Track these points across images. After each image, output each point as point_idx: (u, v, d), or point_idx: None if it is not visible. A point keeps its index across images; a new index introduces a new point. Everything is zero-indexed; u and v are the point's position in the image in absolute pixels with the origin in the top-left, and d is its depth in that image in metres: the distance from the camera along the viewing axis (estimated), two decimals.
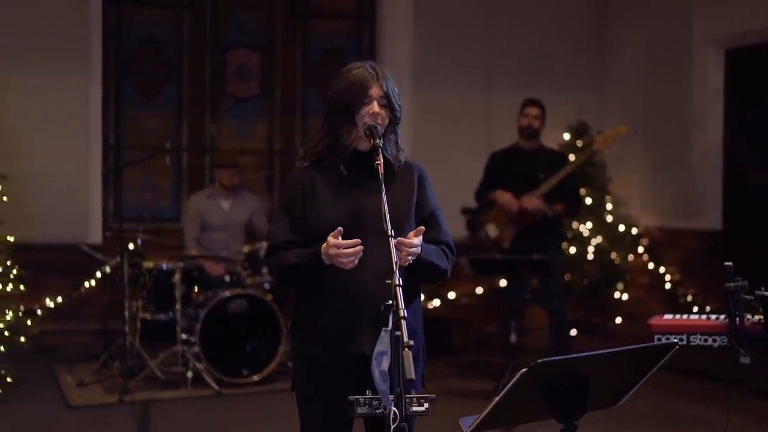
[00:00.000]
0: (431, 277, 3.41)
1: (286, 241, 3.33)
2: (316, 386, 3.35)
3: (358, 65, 3.39)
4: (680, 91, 9.76)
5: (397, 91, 3.38)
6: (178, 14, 9.87)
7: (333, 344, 3.27)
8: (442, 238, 3.43)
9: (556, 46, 10.63)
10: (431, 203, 3.45)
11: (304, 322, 3.39)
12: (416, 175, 3.44)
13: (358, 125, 3.32)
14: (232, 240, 8.22)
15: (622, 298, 10.25)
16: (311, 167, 3.39)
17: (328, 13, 10.35)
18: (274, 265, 3.37)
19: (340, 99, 3.35)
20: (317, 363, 3.33)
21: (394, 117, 3.37)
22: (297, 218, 3.33)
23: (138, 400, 7.04)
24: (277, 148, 10.15)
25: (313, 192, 3.32)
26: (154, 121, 9.84)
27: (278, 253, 3.33)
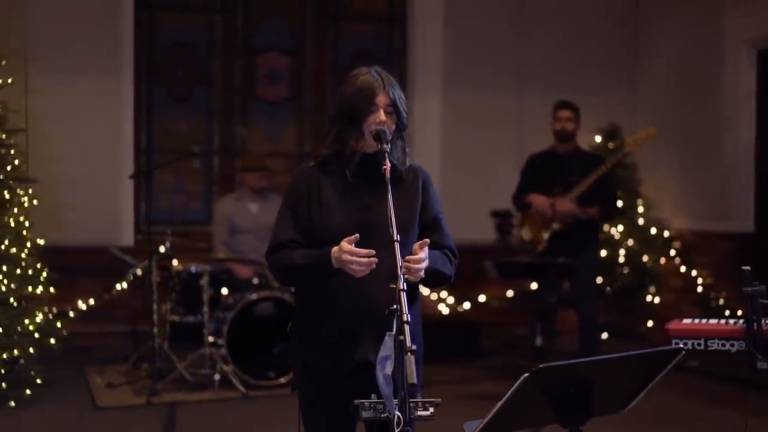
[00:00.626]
0: (435, 283, 3.39)
1: (289, 240, 3.32)
2: (319, 391, 3.34)
3: (365, 71, 3.39)
4: (712, 92, 9.67)
5: (403, 98, 3.38)
6: (210, 18, 9.93)
7: (337, 350, 3.26)
8: (445, 242, 3.44)
9: (588, 47, 10.57)
10: (434, 207, 3.45)
11: (306, 326, 3.38)
12: (420, 179, 3.44)
13: (365, 133, 3.32)
14: (260, 242, 8.23)
15: (654, 301, 10.18)
16: (317, 168, 3.39)
17: (358, 15, 10.36)
18: (276, 263, 3.35)
19: (347, 105, 3.35)
20: (320, 368, 3.32)
21: (401, 123, 3.37)
22: (302, 218, 3.33)
23: (165, 402, 7.09)
24: (307, 151, 10.16)
25: (320, 194, 3.32)
26: (185, 125, 9.90)
27: (281, 252, 3.32)
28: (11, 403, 6.88)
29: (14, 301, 6.94)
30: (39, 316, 7.17)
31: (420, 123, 10.12)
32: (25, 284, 7.07)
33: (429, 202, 3.44)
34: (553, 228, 7.55)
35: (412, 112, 10.02)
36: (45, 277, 7.30)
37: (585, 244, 7.61)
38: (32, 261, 7.21)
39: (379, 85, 3.34)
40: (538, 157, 7.92)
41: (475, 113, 10.22)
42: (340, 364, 3.26)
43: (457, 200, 8.70)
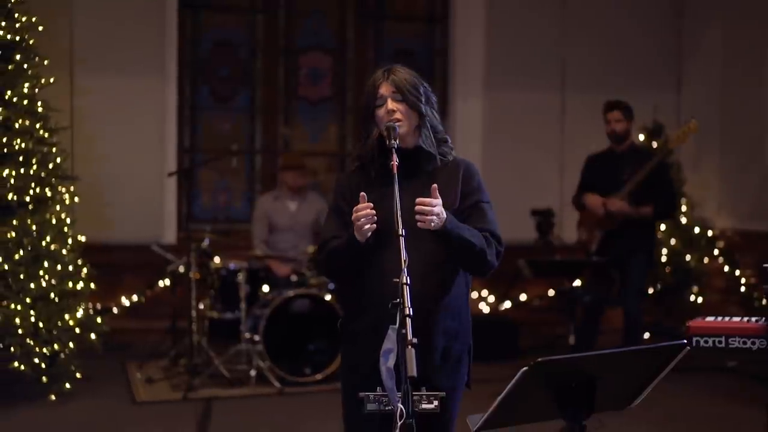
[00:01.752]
0: (471, 259, 3.31)
1: (332, 237, 3.41)
2: (354, 385, 3.38)
3: (376, 71, 3.46)
4: (757, 91, 9.56)
5: (416, 85, 3.40)
6: (252, 18, 10.01)
7: (366, 345, 3.29)
8: (487, 226, 3.38)
9: (630, 46, 10.50)
10: (477, 195, 3.43)
11: (347, 326, 3.49)
12: (462, 170, 3.45)
13: (379, 126, 3.37)
14: (298, 240, 8.32)
15: (696, 301, 10.09)
16: (357, 170, 3.50)
17: (400, 14, 10.39)
18: (321, 257, 3.47)
19: (363, 106, 3.45)
20: (359, 361, 3.39)
21: (419, 110, 3.38)
22: (345, 215, 3.39)
23: (201, 397, 7.16)
24: (349, 151, 10.21)
25: (355, 192, 3.36)
26: (227, 124, 10.00)
27: (325, 247, 3.43)
28: (51, 397, 7.01)
29: (55, 297, 7.05)
30: (80, 312, 7.29)
31: (461, 122, 10.14)
32: (65, 280, 7.19)
33: (470, 188, 3.43)
34: (607, 228, 7.50)
35: (453, 111, 10.15)
36: (86, 273, 7.43)
37: (637, 243, 7.52)
38: (73, 257, 7.32)
39: (382, 76, 3.40)
40: (596, 157, 7.86)
41: (516, 113, 10.20)
42: (370, 356, 3.28)
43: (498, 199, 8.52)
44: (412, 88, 3.38)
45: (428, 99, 3.45)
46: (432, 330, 3.33)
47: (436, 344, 3.35)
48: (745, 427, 6.57)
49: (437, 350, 3.35)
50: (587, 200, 7.60)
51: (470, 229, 3.32)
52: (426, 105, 3.42)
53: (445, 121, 10.28)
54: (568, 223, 9.04)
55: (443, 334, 3.37)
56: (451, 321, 3.38)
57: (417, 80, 3.43)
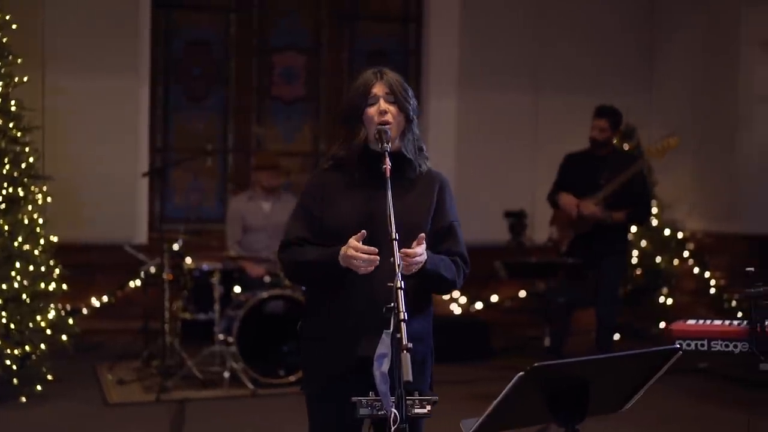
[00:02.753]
0: (439, 288, 3.40)
1: (297, 237, 3.37)
2: (325, 388, 3.37)
3: (366, 71, 3.44)
4: (727, 93, 9.65)
5: (407, 89, 3.40)
6: (225, 17, 9.96)
7: (342, 348, 3.28)
8: (457, 249, 3.44)
9: (603, 47, 10.55)
10: (450, 214, 3.45)
11: (314, 324, 3.42)
12: (437, 185, 3.44)
13: (367, 126, 3.35)
14: (272, 241, 8.26)
15: (666, 303, 10.16)
16: (332, 169, 3.44)
17: (374, 15, 10.37)
18: (287, 260, 3.42)
19: (349, 104, 3.41)
20: (326, 366, 3.35)
21: (407, 114, 3.38)
22: (314, 217, 3.37)
23: (174, 399, 7.11)
24: (323, 150, 10.18)
25: (331, 193, 3.36)
26: (201, 124, 9.94)
27: (292, 249, 3.38)
28: (22, 399, 6.93)
29: (27, 298, 6.97)
30: (51, 313, 7.22)
31: (435, 123, 10.14)
32: (37, 281, 7.11)
33: (444, 208, 3.44)
34: (579, 230, 7.52)
35: (427, 112, 10.17)
36: (58, 273, 7.35)
37: (610, 247, 7.54)
38: (45, 258, 7.25)
39: (375, 77, 3.38)
40: (575, 156, 7.84)
41: (489, 113, 10.22)
42: (344, 362, 3.28)
43: (471, 200, 8.67)
44: (404, 91, 3.38)
45: (413, 105, 3.44)
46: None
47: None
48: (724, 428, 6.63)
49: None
50: (562, 200, 7.60)
51: (445, 262, 3.36)
52: (413, 110, 3.42)
53: (420, 120, 10.25)
54: (540, 224, 9.06)
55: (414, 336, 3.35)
56: (416, 324, 3.36)
57: (405, 84, 3.42)
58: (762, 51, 9.33)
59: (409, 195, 3.33)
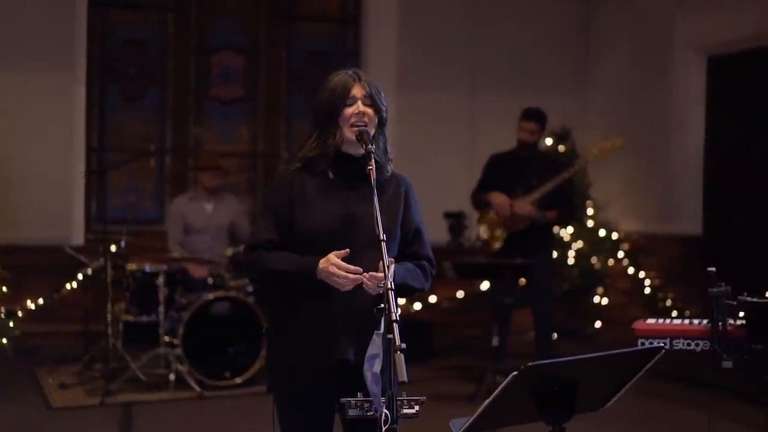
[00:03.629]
0: (406, 294, 3.44)
1: (266, 240, 3.32)
2: (298, 391, 3.34)
3: (341, 72, 3.43)
4: (662, 97, 9.82)
5: (381, 93, 3.41)
6: (163, 16, 9.86)
7: (317, 350, 3.26)
8: (424, 252, 3.48)
9: (540, 50, 10.68)
10: (415, 218, 3.48)
11: (286, 327, 3.38)
12: (403, 189, 3.46)
13: (342, 128, 3.34)
14: (214, 242, 8.25)
15: (601, 302, 10.31)
16: (301, 169, 3.39)
17: (312, 16, 10.36)
18: (254, 265, 3.34)
19: (324, 104, 3.37)
20: (300, 368, 3.31)
21: (380, 117, 3.39)
22: (282, 218, 3.33)
23: (120, 402, 7.04)
24: (261, 151, 10.15)
25: (303, 194, 3.33)
26: (137, 124, 9.83)
27: (258, 253, 3.32)
28: None
29: None
30: None
31: None
32: None
33: (411, 212, 3.46)
34: (512, 229, 7.61)
35: None
36: None
37: (540, 246, 7.69)
38: None
39: (353, 79, 3.38)
40: (500, 157, 7.94)
41: (428, 114, 10.27)
42: (320, 364, 3.26)
43: None
44: (380, 94, 3.39)
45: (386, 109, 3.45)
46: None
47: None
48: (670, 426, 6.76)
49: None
50: (494, 199, 7.67)
51: (411, 271, 3.39)
52: (385, 114, 3.43)
53: None
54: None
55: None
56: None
57: (380, 87, 3.43)
58: (695, 55, 9.52)
59: (381, 198, 3.30)
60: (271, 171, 10.14)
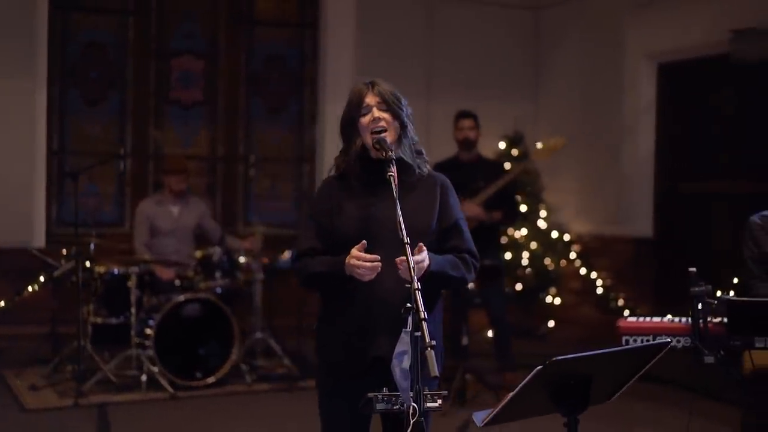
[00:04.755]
0: (448, 285, 3.60)
1: (309, 248, 3.54)
2: (337, 387, 3.55)
3: (358, 83, 3.61)
4: (613, 103, 10.08)
5: (399, 96, 3.58)
6: (123, 20, 9.87)
7: (353, 348, 3.45)
8: (465, 245, 3.63)
9: (492, 57, 10.90)
10: (453, 213, 3.63)
11: (327, 325, 3.60)
12: (439, 186, 3.62)
13: (363, 135, 3.52)
14: (181, 244, 8.33)
15: (554, 302, 10.57)
16: (336, 178, 3.61)
17: (271, 21, 10.45)
18: (299, 271, 3.58)
19: (345, 117, 3.59)
20: (339, 366, 3.52)
21: (401, 121, 3.56)
22: (323, 226, 3.54)
23: (93, 403, 7.10)
24: (220, 155, 10.23)
25: (338, 202, 3.52)
26: (98, 127, 9.83)
27: (302, 260, 3.55)
28: None
29: None
30: None
31: (331, 127, 10.28)
32: None
33: (448, 207, 3.62)
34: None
35: (323, 117, 10.31)
36: None
37: (489, 246, 7.90)
38: None
39: (366, 88, 3.56)
40: (442, 164, 8.13)
41: None
42: (356, 361, 3.45)
43: None
44: (395, 98, 3.55)
45: (407, 111, 3.62)
46: None
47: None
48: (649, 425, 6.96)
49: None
50: None
51: (450, 261, 3.54)
52: (407, 116, 3.60)
53: (315, 126, 10.45)
54: None
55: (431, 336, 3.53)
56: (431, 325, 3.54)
57: (398, 93, 3.59)
58: (646, 63, 9.79)
59: (410, 198, 3.48)
60: (230, 174, 10.23)
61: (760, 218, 4.98)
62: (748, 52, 8.20)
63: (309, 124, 10.52)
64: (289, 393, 7.70)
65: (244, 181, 10.32)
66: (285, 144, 10.50)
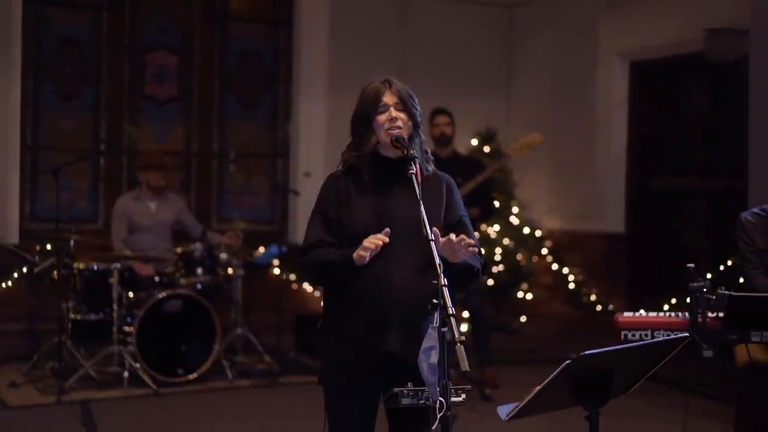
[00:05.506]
0: (467, 277, 3.57)
1: (318, 240, 3.54)
2: (346, 383, 3.53)
3: (374, 81, 3.65)
4: (585, 100, 10.19)
5: (413, 96, 3.63)
6: (97, 15, 9.80)
7: (364, 344, 3.46)
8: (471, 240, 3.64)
9: (466, 54, 10.97)
10: (458, 209, 3.68)
11: (335, 322, 3.57)
12: (445, 185, 3.68)
13: (377, 133, 3.56)
14: (159, 240, 8.31)
15: (526, 297, 10.67)
16: (345, 174, 3.62)
17: (245, 16, 10.44)
18: (306, 262, 3.55)
19: (359, 113, 3.63)
20: (348, 361, 3.50)
21: (414, 121, 3.60)
22: (331, 219, 3.55)
23: (76, 400, 7.07)
24: (194, 151, 10.20)
25: (347, 196, 3.55)
26: (72, 122, 9.76)
27: (310, 253, 3.54)
28: None
29: None
30: None
31: (305, 124, 10.33)
32: None
33: (453, 204, 3.67)
34: None
35: (297, 113, 10.33)
36: None
37: None
38: None
39: (384, 86, 3.61)
40: None
41: None
42: (367, 357, 3.46)
43: None
44: (411, 99, 3.60)
45: (419, 112, 3.67)
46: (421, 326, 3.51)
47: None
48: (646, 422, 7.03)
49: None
50: None
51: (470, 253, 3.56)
52: (419, 117, 3.64)
53: (289, 122, 10.46)
54: None
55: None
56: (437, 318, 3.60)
57: (411, 92, 3.64)
58: (618, 61, 9.92)
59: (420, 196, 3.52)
60: (204, 170, 10.21)
61: (751, 215, 5.12)
62: (722, 52, 8.33)
63: (283, 120, 10.52)
64: (270, 389, 7.73)
65: (219, 176, 10.29)
66: (259, 140, 10.49)
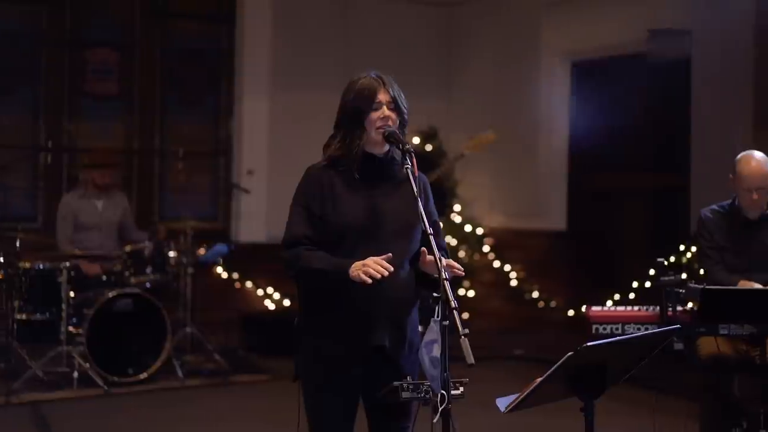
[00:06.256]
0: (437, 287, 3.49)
1: (304, 236, 3.48)
2: (330, 379, 3.49)
3: (364, 75, 3.64)
4: (528, 99, 10.27)
5: (403, 96, 3.63)
6: (37, 10, 9.62)
7: (352, 338, 3.44)
8: (443, 243, 3.67)
9: (406, 52, 10.96)
10: (433, 212, 3.69)
11: (319, 317, 3.53)
12: (421, 185, 3.62)
13: (368, 130, 3.55)
14: (106, 239, 8.21)
15: (468, 294, 10.73)
16: (328, 168, 3.57)
17: (187, 13, 10.33)
18: (293, 261, 3.47)
19: (350, 107, 3.59)
20: (334, 357, 3.47)
21: (402, 120, 3.61)
22: (314, 214, 3.50)
23: (25, 402, 6.96)
24: (136, 148, 10.08)
25: (333, 191, 3.51)
26: (10, 120, 9.56)
27: (298, 250, 3.47)
28: None
29: None
30: None
31: (248, 122, 10.26)
32: None
33: (429, 207, 3.64)
34: None
35: (240, 111, 10.25)
36: None
37: None
38: None
39: (379, 84, 3.59)
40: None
41: (301, 113, 10.37)
42: (356, 352, 3.45)
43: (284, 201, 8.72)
44: (402, 98, 3.61)
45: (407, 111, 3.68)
46: (404, 322, 3.55)
47: (407, 335, 3.57)
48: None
49: (407, 340, 3.57)
50: None
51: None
52: (407, 116, 3.66)
53: (231, 120, 10.39)
54: None
55: (410, 326, 3.61)
56: (414, 314, 3.64)
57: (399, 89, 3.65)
58: (561, 61, 10.04)
59: (402, 193, 3.52)
60: (145, 167, 10.08)
61: (710, 212, 5.26)
62: (664, 52, 8.49)
63: (225, 117, 10.44)
64: (223, 387, 7.69)
65: (160, 174, 10.18)
66: (201, 137, 10.40)
